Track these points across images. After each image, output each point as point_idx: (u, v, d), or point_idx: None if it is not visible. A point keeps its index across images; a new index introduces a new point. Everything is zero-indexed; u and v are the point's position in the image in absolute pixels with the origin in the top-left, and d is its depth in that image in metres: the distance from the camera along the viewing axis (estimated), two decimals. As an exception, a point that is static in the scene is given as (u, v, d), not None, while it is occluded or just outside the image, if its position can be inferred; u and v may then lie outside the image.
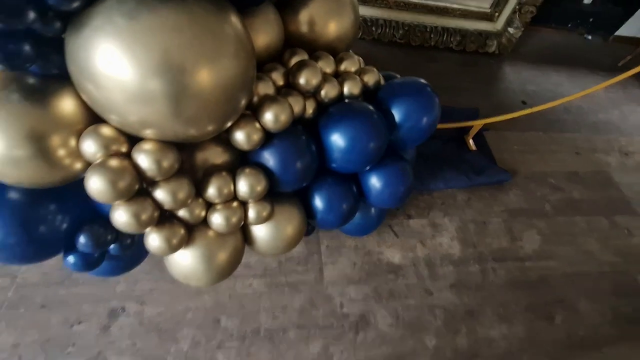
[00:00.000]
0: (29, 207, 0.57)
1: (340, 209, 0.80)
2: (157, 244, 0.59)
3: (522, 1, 1.63)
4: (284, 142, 0.66)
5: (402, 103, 0.77)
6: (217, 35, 0.49)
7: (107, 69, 0.45)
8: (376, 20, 1.64)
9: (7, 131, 0.48)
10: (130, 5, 0.43)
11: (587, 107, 1.73)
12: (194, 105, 0.50)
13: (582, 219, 1.28)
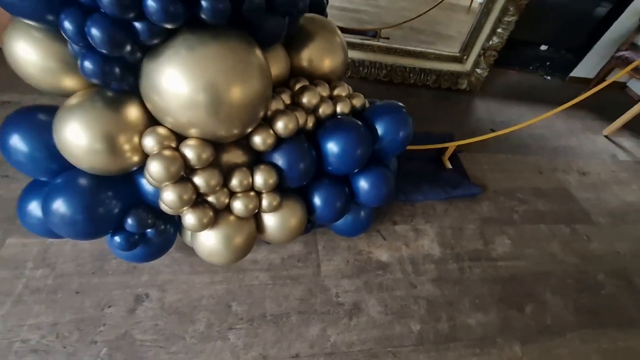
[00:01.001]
0: (93, 193, 0.73)
1: (335, 206, 0.97)
2: (192, 221, 0.75)
3: (485, 47, 1.93)
4: (290, 146, 0.85)
5: (383, 120, 0.97)
6: (246, 64, 0.69)
7: (169, 85, 0.64)
8: (363, 62, 1.92)
9: (91, 130, 0.66)
10: (191, 42, 0.63)
11: (549, 135, 1.99)
12: (226, 113, 0.69)
13: (546, 227, 1.45)
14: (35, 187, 0.82)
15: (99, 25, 0.54)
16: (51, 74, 0.68)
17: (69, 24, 0.55)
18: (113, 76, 0.63)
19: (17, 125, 0.73)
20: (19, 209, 0.82)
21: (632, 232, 1.53)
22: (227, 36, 0.66)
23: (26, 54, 0.66)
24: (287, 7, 0.73)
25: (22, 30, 0.64)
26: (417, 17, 2.39)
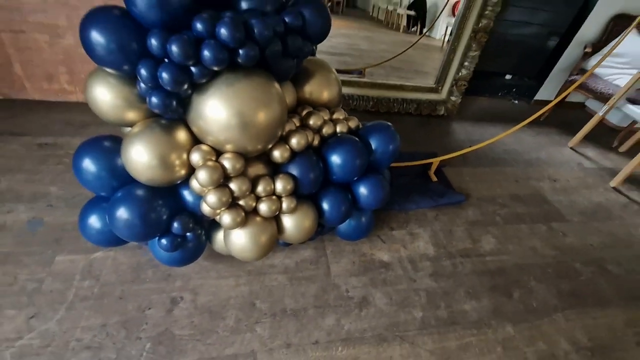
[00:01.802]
0: (147, 202, 0.90)
1: (340, 210, 1.15)
2: (228, 220, 0.92)
3: (456, 78, 2.23)
4: (302, 159, 1.04)
5: (375, 136, 1.19)
6: (268, 94, 0.91)
7: (212, 112, 0.85)
8: (352, 96, 2.19)
9: (150, 150, 0.85)
10: (230, 79, 0.85)
11: (521, 150, 2.24)
12: (254, 132, 0.89)
13: (525, 226, 1.64)
14: (94, 203, 0.99)
15: (168, 70, 0.75)
16: (119, 109, 0.88)
17: (144, 70, 0.76)
18: (170, 108, 0.83)
19: (87, 152, 0.91)
20: (80, 222, 0.98)
21: (602, 228, 1.72)
22: (255, 74, 0.88)
23: (102, 95, 0.86)
24: (296, 52, 0.96)
25: (101, 77, 0.85)
26: (395, 57, 2.73)
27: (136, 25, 0.76)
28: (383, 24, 6.77)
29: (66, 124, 1.69)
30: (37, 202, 1.30)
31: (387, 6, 6.56)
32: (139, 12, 0.73)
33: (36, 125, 1.65)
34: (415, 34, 6.07)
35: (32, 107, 1.76)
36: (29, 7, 1.56)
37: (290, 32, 0.92)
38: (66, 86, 1.80)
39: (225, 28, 0.75)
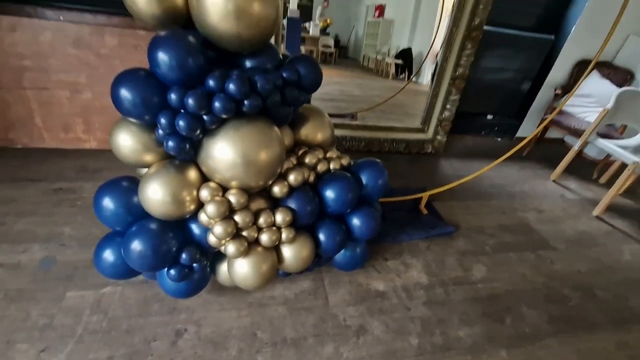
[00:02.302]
0: (158, 236, 1.00)
1: (335, 240, 1.24)
2: (233, 250, 1.00)
3: (440, 119, 2.43)
4: (300, 194, 1.15)
5: (365, 172, 1.31)
6: (269, 137, 1.04)
7: (220, 153, 0.97)
8: (345, 137, 2.36)
9: (165, 188, 0.96)
10: (236, 125, 0.98)
11: (506, 183, 2.37)
12: (256, 170, 1.01)
13: (514, 254, 1.72)
14: (108, 239, 1.08)
15: (184, 119, 0.89)
16: (138, 153, 1.00)
17: (164, 119, 0.90)
18: (184, 150, 0.96)
19: (107, 190, 1.03)
20: (96, 256, 1.06)
21: (589, 254, 1.80)
22: (257, 120, 1.02)
23: (124, 141, 0.99)
24: (293, 102, 1.12)
25: (124, 126, 0.99)
26: (385, 101, 2.97)
27: (158, 83, 0.91)
28: (373, 72, 7.28)
29: (80, 170, 1.82)
30: (50, 242, 1.38)
31: (377, 56, 7.10)
32: (161, 73, 0.89)
33: (52, 171, 1.77)
34: (404, 80, 6.52)
35: (49, 155, 1.89)
36: (55, 67, 1.76)
37: (287, 85, 1.07)
38: (81, 135, 1.95)
39: (233, 84, 0.90)
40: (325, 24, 7.58)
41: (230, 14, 0.88)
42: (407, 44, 6.35)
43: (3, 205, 1.52)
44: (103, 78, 1.84)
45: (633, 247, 1.91)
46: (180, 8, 0.94)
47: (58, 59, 1.75)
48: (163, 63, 0.87)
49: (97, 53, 1.78)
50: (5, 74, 1.73)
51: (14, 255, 1.30)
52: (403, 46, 6.41)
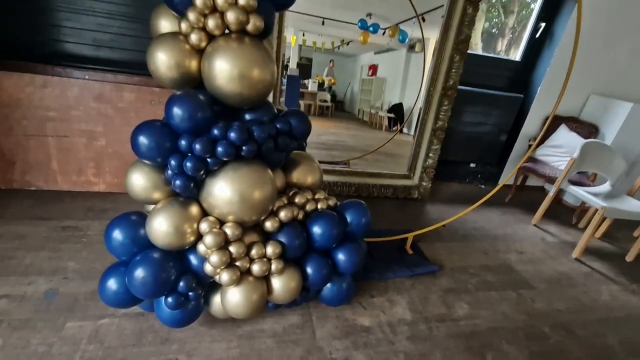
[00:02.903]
0: (159, 264, 1.11)
1: (321, 273, 1.34)
2: (226, 278, 1.11)
3: (424, 166, 2.63)
4: (289, 229, 1.28)
5: (350, 211, 1.45)
6: (263, 179, 1.20)
7: (219, 191, 1.13)
8: (336, 183, 2.53)
9: (169, 222, 1.10)
10: (235, 167, 1.15)
11: (489, 227, 2.50)
12: (251, 207, 1.16)
13: (496, 293, 1.79)
14: (113, 269, 1.18)
15: (192, 161, 1.06)
16: (148, 190, 1.15)
17: (174, 161, 1.07)
18: (189, 188, 1.11)
19: (117, 224, 1.16)
20: (100, 285, 1.16)
21: (568, 294, 1.87)
22: (253, 163, 1.18)
23: (137, 180, 1.15)
24: (285, 148, 1.30)
25: (138, 167, 1.15)
26: (375, 150, 3.20)
27: (171, 131, 1.10)
28: (368, 124, 7.74)
29: (88, 210, 1.95)
30: (55, 275, 1.47)
31: (371, 110, 7.61)
32: (175, 123, 1.07)
33: (62, 211, 1.91)
34: (396, 132, 6.92)
35: (60, 196, 2.04)
36: (76, 118, 1.98)
37: (280, 134, 1.26)
38: (92, 178, 2.12)
39: (234, 132, 1.08)
40: (330, 83, 8.26)
41: (235, 78, 1.09)
42: (399, 99, 6.85)
43: (14, 240, 1.63)
44: (118, 128, 2.05)
45: (611, 287, 1.99)
46: (194, 73, 1.16)
47: (80, 111, 1.98)
48: (177, 116, 1.06)
49: (115, 106, 2.01)
50: (32, 123, 1.95)
51: (21, 287, 1.39)
52: (395, 101, 6.91)
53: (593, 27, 2.71)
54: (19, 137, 1.96)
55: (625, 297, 1.93)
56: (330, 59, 8.13)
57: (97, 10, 2.14)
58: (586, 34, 2.72)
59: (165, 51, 1.11)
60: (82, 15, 2.14)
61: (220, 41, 1.09)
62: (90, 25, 2.16)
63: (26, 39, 2.11)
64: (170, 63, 1.11)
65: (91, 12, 2.14)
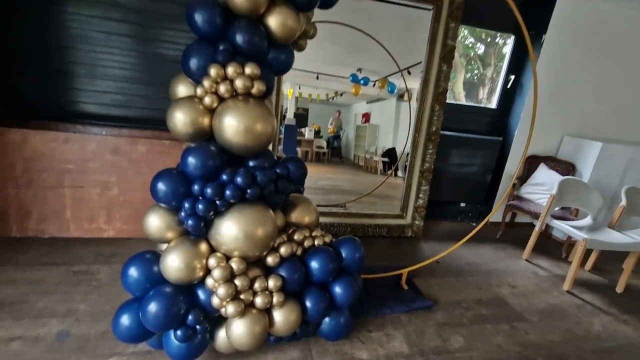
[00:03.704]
0: (170, 299, 1.21)
1: (320, 306, 1.43)
2: (232, 310, 1.21)
3: (415, 206, 2.78)
4: (289, 263, 1.40)
5: (345, 247, 1.58)
6: (265, 218, 1.34)
7: (226, 230, 1.27)
8: (333, 224, 2.66)
9: (181, 258, 1.22)
10: (240, 208, 1.30)
11: (481, 262, 2.59)
12: (254, 243, 1.29)
13: (490, 326, 1.85)
14: (126, 306, 1.28)
15: (204, 204, 1.21)
16: (162, 230, 1.29)
17: (187, 204, 1.22)
18: (200, 228, 1.25)
19: (133, 262, 1.28)
20: (114, 322, 1.25)
21: (561, 326, 1.93)
22: (256, 204, 1.34)
23: (153, 221, 1.29)
24: (284, 191, 1.46)
25: (155, 210, 1.30)
26: (369, 193, 3.37)
27: (185, 178, 1.26)
28: (363, 169, 8.03)
29: (97, 255, 2.05)
30: (67, 317, 1.54)
31: (365, 155, 7.95)
32: (189, 171, 1.24)
33: (73, 256, 2.01)
34: (391, 176, 7.17)
35: (72, 243, 2.15)
36: (92, 170, 2.17)
37: (280, 178, 1.43)
38: (102, 225, 2.25)
39: (240, 178, 1.25)
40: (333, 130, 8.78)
41: (241, 131, 1.29)
42: (392, 144, 7.20)
43: (28, 285, 1.72)
44: (130, 178, 2.23)
45: (602, 318, 2.05)
46: (206, 128, 1.36)
47: (97, 163, 2.17)
48: (191, 164, 1.23)
49: (129, 158, 2.21)
50: (51, 175, 2.12)
51: (35, 329, 1.46)
52: (388, 146, 7.25)
53: (558, 76, 3.05)
54: (38, 189, 2.13)
55: (617, 327, 1.98)
56: (337, 109, 8.66)
57: (117, 76, 2.43)
58: (553, 83, 3.05)
59: (183, 111, 1.32)
60: (102, 80, 2.42)
61: (229, 102, 1.30)
62: (109, 88, 2.44)
63: (52, 100, 2.37)
64: (186, 121, 1.32)
65: (111, 78, 2.43)
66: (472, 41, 6.34)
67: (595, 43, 3.02)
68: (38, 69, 2.30)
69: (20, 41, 2.24)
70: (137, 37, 2.38)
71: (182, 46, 2.45)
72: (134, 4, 2.31)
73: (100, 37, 2.32)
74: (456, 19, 2.51)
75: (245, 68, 1.28)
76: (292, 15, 1.34)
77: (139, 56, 2.42)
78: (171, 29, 2.41)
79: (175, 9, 2.36)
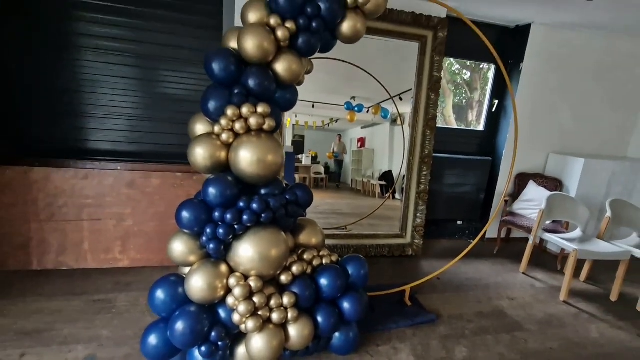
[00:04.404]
0: (195, 317, 1.33)
1: (330, 321, 1.54)
2: (251, 325, 1.32)
3: (414, 225, 2.92)
4: (301, 281, 1.52)
5: (350, 265, 1.70)
6: (278, 240, 1.48)
7: (244, 252, 1.40)
8: (336, 246, 2.78)
9: (203, 279, 1.35)
10: (256, 231, 1.44)
11: (480, 277, 2.70)
12: (269, 263, 1.42)
13: (491, 337, 1.94)
14: (153, 327, 1.39)
15: (224, 228, 1.35)
16: (185, 255, 1.42)
17: (209, 229, 1.36)
18: (219, 251, 1.39)
19: (159, 285, 1.40)
20: (142, 342, 1.35)
21: (559, 333, 2.02)
22: (270, 228, 1.48)
23: (177, 246, 1.43)
24: (294, 215, 1.61)
25: (178, 237, 1.44)
26: (369, 215, 3.50)
27: (206, 206, 1.41)
28: (361, 193, 8.20)
29: (115, 284, 2.16)
30: (91, 343, 1.63)
31: (363, 179, 8.15)
32: (210, 200, 1.40)
33: (92, 286, 2.11)
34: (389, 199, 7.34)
35: (89, 273, 2.25)
36: (109, 203, 2.31)
37: (289, 204, 1.58)
38: (118, 256, 2.36)
39: (255, 204, 1.40)
40: (331, 156, 9.02)
41: (254, 162, 1.45)
42: (388, 167, 7.42)
43: (53, 315, 1.81)
44: (144, 209, 2.37)
45: (599, 325, 2.15)
46: (222, 161, 1.52)
47: (113, 197, 2.32)
48: (212, 194, 1.39)
49: (143, 191, 2.36)
50: (71, 210, 2.26)
51: (62, 355, 1.54)
52: (385, 169, 7.46)
53: (538, 99, 3.29)
54: (59, 223, 2.26)
55: (614, 334, 2.07)
56: (338, 133, 8.94)
57: (129, 115, 2.63)
58: (534, 105, 3.29)
59: (202, 147, 1.48)
60: (118, 119, 2.61)
61: (244, 137, 1.48)
62: (124, 127, 2.63)
63: (71, 140, 2.55)
64: (205, 155, 1.48)
65: (125, 118, 2.62)
66: (458, 68, 6.72)
67: (571, 68, 3.29)
68: (57, 112, 2.50)
69: (39, 87, 2.45)
70: (145, 79, 2.61)
71: (187, 86, 2.67)
72: (144, 51, 2.55)
73: (115, 81, 2.54)
74: (440, 52, 2.77)
75: (258, 107, 1.46)
76: (296, 61, 1.55)
77: (148, 96, 2.63)
78: (178, 70, 2.64)
79: (180, 53, 2.61)
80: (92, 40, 2.46)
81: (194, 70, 2.66)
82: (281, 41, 1.49)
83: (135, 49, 2.54)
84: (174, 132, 2.69)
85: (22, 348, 1.57)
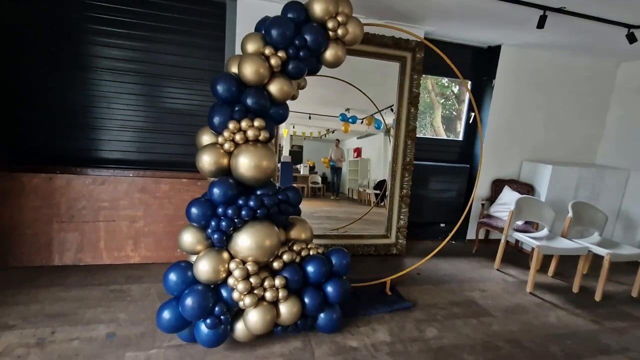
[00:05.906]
0: (202, 294, 1.61)
1: (316, 302, 1.82)
2: (248, 301, 1.60)
3: (398, 227, 3.20)
4: (290, 268, 1.80)
5: (334, 255, 1.99)
6: (272, 232, 1.77)
7: (242, 241, 1.69)
8: (326, 245, 3.06)
9: (209, 264, 1.63)
10: (253, 224, 1.73)
11: (457, 273, 2.97)
12: (264, 251, 1.71)
13: (460, 321, 2.21)
14: (166, 304, 1.66)
15: (226, 222, 1.64)
16: (193, 245, 1.71)
17: (214, 222, 1.65)
18: (222, 241, 1.67)
19: (171, 270, 1.68)
20: (158, 317, 1.63)
21: (521, 319, 2.29)
22: (264, 222, 1.77)
23: (187, 237, 1.71)
24: (285, 212, 1.90)
25: (187, 230, 1.73)
26: (360, 218, 3.78)
27: (211, 203, 1.70)
28: (357, 202, 8.50)
29: (127, 277, 2.43)
30: (111, 323, 1.90)
31: (359, 188, 8.45)
32: (214, 198, 1.69)
33: (108, 279, 2.38)
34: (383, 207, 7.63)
35: (105, 268, 2.53)
36: (123, 206, 2.60)
37: (282, 202, 1.87)
38: (129, 253, 2.63)
39: (252, 201, 1.70)
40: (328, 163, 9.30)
41: (252, 167, 1.74)
42: (383, 176, 7.74)
43: (75, 302, 2.08)
44: (154, 212, 2.66)
45: (558, 313, 2.41)
46: (225, 166, 1.82)
47: (127, 201, 2.61)
48: (216, 193, 1.68)
49: (153, 195, 2.65)
50: (89, 212, 2.55)
51: (88, 332, 1.81)
52: (379, 178, 7.77)
53: (511, 111, 3.62)
54: (78, 224, 2.54)
55: (570, 319, 2.34)
56: (336, 138, 9.25)
57: (142, 128, 2.94)
58: (507, 117, 3.62)
59: (208, 154, 1.78)
60: (131, 132, 2.92)
61: (243, 146, 1.78)
62: (136, 138, 2.94)
63: (91, 150, 2.85)
64: (211, 161, 1.78)
65: (137, 130, 2.93)
66: (447, 81, 7.10)
67: (539, 83, 3.63)
68: (77, 125, 2.80)
69: (61, 104, 2.76)
70: (154, 96, 2.93)
71: (192, 101, 2.99)
72: (153, 71, 2.88)
73: (128, 97, 2.86)
74: (418, 71, 3.11)
75: (255, 122, 1.77)
76: (287, 83, 1.86)
77: (156, 111, 2.94)
78: (183, 88, 2.96)
79: (185, 72, 2.93)
80: (107, 61, 2.79)
81: (198, 88, 2.98)
82: (274, 67, 1.80)
83: (145, 69, 2.87)
84: (180, 142, 2.99)
85: (52, 327, 1.83)
